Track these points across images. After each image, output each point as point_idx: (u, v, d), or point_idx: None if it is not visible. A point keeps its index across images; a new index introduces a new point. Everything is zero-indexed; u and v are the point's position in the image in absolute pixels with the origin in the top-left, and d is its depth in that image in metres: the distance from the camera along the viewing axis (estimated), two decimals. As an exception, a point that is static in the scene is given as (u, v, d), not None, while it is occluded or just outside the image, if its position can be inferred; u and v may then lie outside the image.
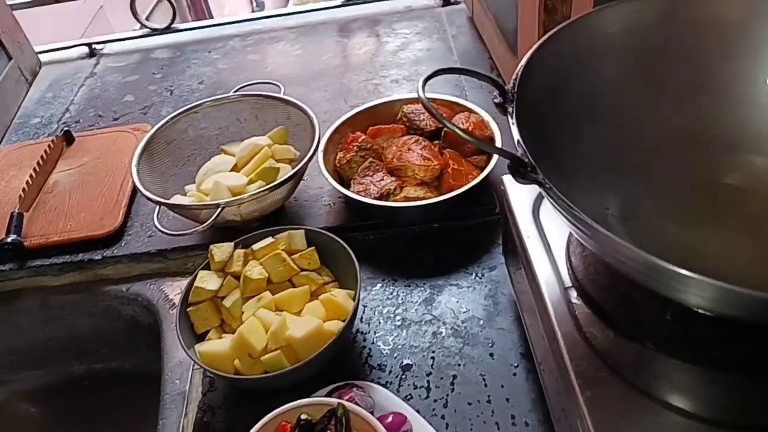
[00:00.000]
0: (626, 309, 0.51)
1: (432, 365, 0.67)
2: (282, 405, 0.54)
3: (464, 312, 0.72)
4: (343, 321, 0.63)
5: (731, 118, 0.56)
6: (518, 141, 0.45)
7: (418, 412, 0.61)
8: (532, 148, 0.46)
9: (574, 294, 0.53)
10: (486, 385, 0.65)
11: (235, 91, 0.88)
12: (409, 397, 0.65)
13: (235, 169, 0.81)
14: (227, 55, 1.17)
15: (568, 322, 0.51)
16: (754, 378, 0.46)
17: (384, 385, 0.65)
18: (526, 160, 0.43)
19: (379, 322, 0.72)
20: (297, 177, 0.78)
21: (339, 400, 0.55)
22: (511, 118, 0.47)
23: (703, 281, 0.36)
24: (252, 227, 0.72)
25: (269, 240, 0.69)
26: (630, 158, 0.56)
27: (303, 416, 0.54)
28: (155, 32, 1.20)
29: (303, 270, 0.69)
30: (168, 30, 1.20)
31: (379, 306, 0.74)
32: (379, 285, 0.76)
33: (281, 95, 0.85)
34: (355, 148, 0.83)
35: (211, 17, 3.67)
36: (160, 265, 0.81)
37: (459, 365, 0.67)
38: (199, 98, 0.97)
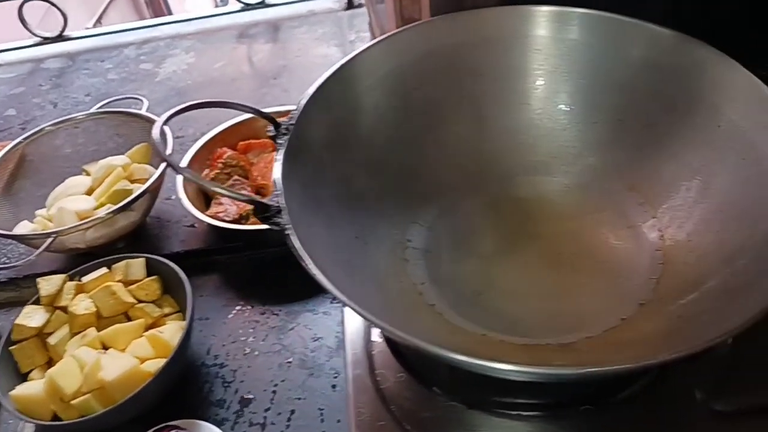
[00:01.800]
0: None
1: (272, 399, 0.64)
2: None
3: (315, 341, 0.68)
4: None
5: (524, 143, 0.54)
6: (275, 180, 0.42)
7: (250, 452, 0.58)
8: (305, 187, 0.43)
9: (376, 331, 0.50)
10: (323, 421, 0.61)
11: (99, 108, 0.85)
12: (243, 435, 0.62)
13: (90, 191, 0.78)
14: (120, 65, 1.12)
15: (362, 363, 0.49)
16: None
17: (220, 422, 0.62)
18: (271, 203, 0.40)
19: (227, 354, 0.69)
20: (147, 198, 0.74)
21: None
22: (278, 153, 0.43)
23: (452, 357, 0.34)
24: (116, 249, 0.69)
25: (102, 271, 0.66)
26: (432, 188, 0.53)
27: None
28: (46, 41, 1.15)
29: (141, 302, 0.66)
30: (60, 38, 1.16)
31: (230, 335, 0.70)
32: (234, 312, 0.72)
33: (140, 111, 0.82)
34: (220, 165, 0.79)
35: (170, 13, 3.61)
36: (14, 294, 0.78)
37: (299, 399, 0.64)
38: (82, 111, 0.94)
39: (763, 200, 0.43)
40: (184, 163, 0.79)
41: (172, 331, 0.63)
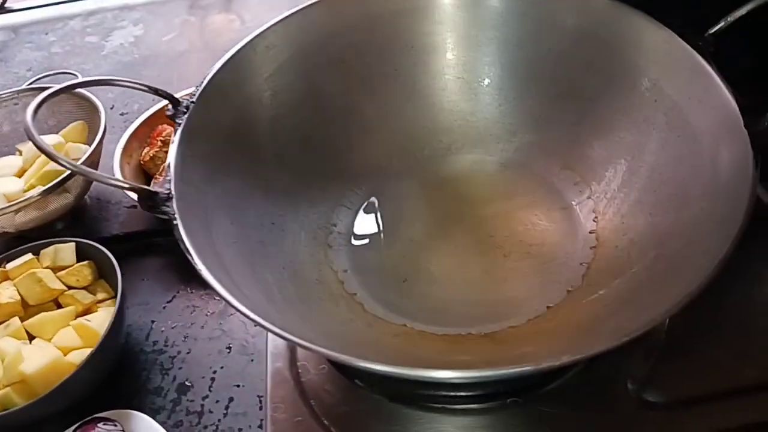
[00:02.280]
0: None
1: (211, 387, 0.62)
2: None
3: (256, 326, 0.66)
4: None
5: (458, 120, 0.51)
6: (169, 164, 0.39)
7: (185, 442, 0.57)
8: (208, 172, 0.40)
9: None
10: (261, 408, 0.60)
11: (30, 84, 0.81)
12: (179, 423, 0.60)
13: (22, 172, 0.74)
14: (64, 38, 1.08)
15: (283, 355, 0.46)
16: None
17: (156, 411, 0.60)
18: (159, 190, 0.37)
19: (167, 340, 0.66)
20: (81, 179, 0.71)
21: (62, 444, 0.50)
22: (175, 134, 0.40)
23: (350, 361, 0.32)
24: (53, 232, 0.66)
25: (27, 257, 0.63)
26: (361, 169, 0.51)
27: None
28: (-13, 13, 1.10)
29: (71, 288, 0.63)
30: (2, 10, 1.10)
31: (170, 320, 0.68)
32: (175, 297, 0.70)
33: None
34: (159, 142, 0.76)
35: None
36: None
37: (238, 386, 0.62)
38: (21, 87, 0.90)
39: (694, 180, 0.40)
40: (122, 141, 0.76)
41: (101, 319, 0.60)
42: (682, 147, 0.43)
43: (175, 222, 0.35)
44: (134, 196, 0.70)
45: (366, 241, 0.49)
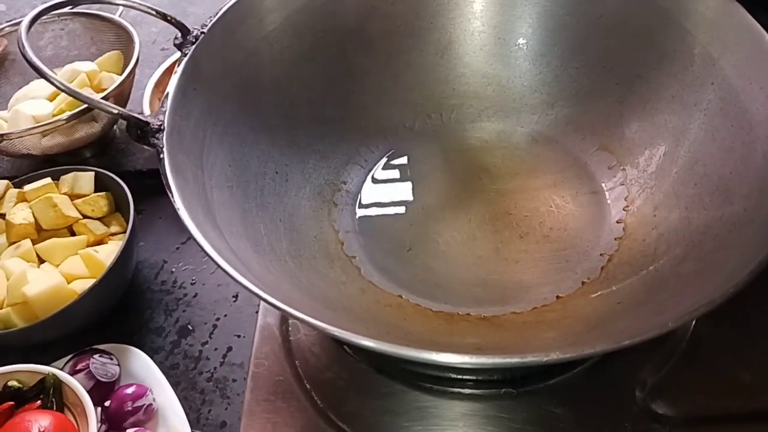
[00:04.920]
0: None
1: (212, 333, 0.61)
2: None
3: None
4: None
5: (492, 83, 0.47)
6: (167, 93, 0.36)
7: (178, 385, 0.56)
8: (212, 109, 0.38)
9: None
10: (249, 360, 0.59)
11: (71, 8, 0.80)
12: (175, 366, 0.59)
13: (53, 96, 0.74)
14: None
15: (275, 310, 0.44)
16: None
17: (155, 350, 0.60)
18: (151, 120, 0.35)
19: (175, 281, 0.66)
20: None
21: (52, 370, 0.50)
22: (179, 64, 0.38)
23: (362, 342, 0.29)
24: (81, 160, 0.66)
25: (46, 181, 0.63)
26: (382, 125, 0.47)
27: (11, 383, 0.50)
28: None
29: (86, 217, 0.63)
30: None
31: (181, 262, 0.67)
32: (190, 240, 0.69)
33: (114, 16, 0.77)
34: (193, 82, 0.75)
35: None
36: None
37: (239, 336, 0.61)
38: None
39: (742, 176, 0.36)
40: (156, 75, 0.75)
41: (108, 251, 0.60)
42: (734, 138, 0.38)
43: (161, 156, 0.33)
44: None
45: (374, 203, 0.47)
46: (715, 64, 0.40)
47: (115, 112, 0.36)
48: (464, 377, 0.39)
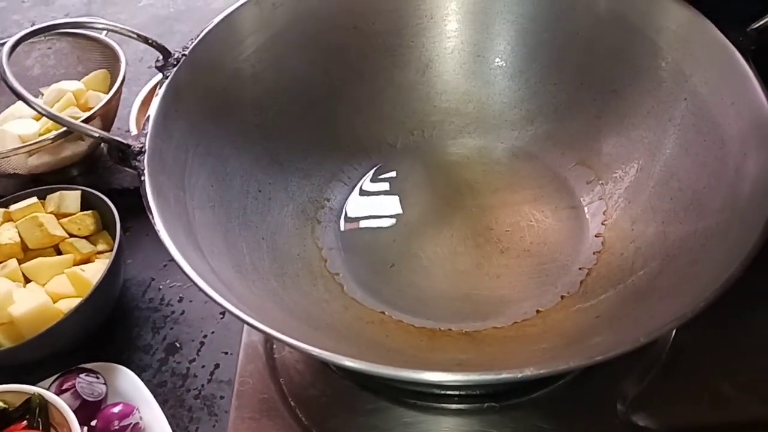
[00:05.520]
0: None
1: (199, 351, 0.61)
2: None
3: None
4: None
5: (473, 100, 0.48)
6: (149, 116, 0.37)
7: (165, 402, 0.56)
8: (193, 130, 0.38)
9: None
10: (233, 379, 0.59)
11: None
12: (163, 384, 0.59)
13: (39, 115, 0.74)
14: (104, -15, 1.08)
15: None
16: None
17: (143, 368, 0.60)
18: (132, 143, 0.35)
19: (163, 298, 0.66)
20: (97, 126, 0.70)
21: (38, 390, 0.50)
22: (160, 86, 0.38)
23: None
24: (68, 179, 0.66)
25: (32, 201, 0.63)
26: (365, 143, 0.48)
27: (-3, 403, 0.50)
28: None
29: (73, 236, 0.63)
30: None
31: (169, 279, 0.67)
32: (178, 256, 0.69)
33: (101, 35, 0.77)
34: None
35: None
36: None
37: (227, 353, 0.61)
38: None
39: (715, 190, 0.36)
40: (142, 93, 0.75)
41: (95, 270, 0.60)
42: (707, 152, 0.38)
43: (142, 178, 0.34)
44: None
45: (358, 219, 0.47)
46: (687, 81, 0.41)
47: (96, 135, 0.37)
48: (448, 393, 0.39)
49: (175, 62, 0.39)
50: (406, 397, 0.41)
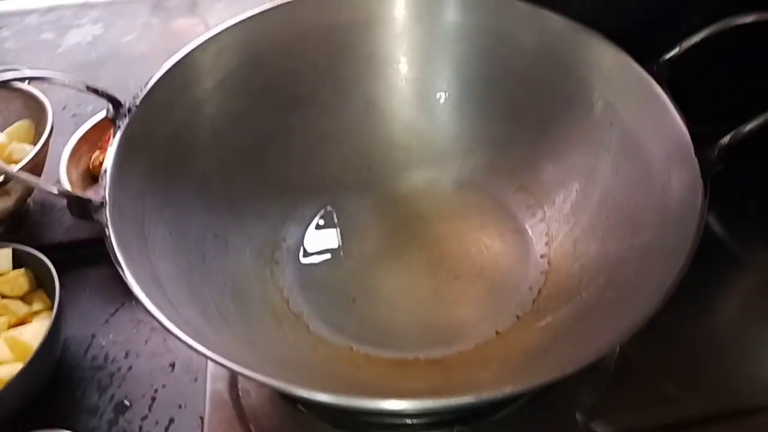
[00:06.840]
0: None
1: (151, 406, 0.59)
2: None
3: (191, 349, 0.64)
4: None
5: (416, 136, 0.50)
6: (104, 170, 0.36)
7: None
8: (148, 180, 0.38)
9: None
10: (203, 431, 0.57)
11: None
12: (114, 445, 0.57)
13: (-39, 173, 0.71)
14: (19, 34, 1.04)
15: (224, 375, 0.44)
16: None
17: (89, 432, 0.57)
18: (90, 197, 0.35)
19: (107, 356, 0.63)
20: (20, 183, 0.68)
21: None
22: (114, 138, 0.38)
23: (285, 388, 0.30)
24: None
25: (-41, 263, 0.60)
26: (315, 182, 0.49)
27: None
28: (-61, 5, 1.06)
29: (5, 297, 0.60)
30: (-46, 3, 1.06)
31: (111, 335, 0.65)
32: (119, 311, 0.67)
33: (23, 85, 0.74)
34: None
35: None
36: None
37: (180, 406, 0.59)
38: (-29, 84, 0.86)
39: (646, 207, 0.40)
40: (71, 144, 0.73)
41: (34, 332, 0.57)
42: (635, 173, 0.42)
43: (107, 232, 0.33)
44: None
45: (315, 257, 0.48)
46: (612, 108, 0.45)
47: (56, 192, 0.36)
48: (420, 422, 0.40)
49: (126, 112, 0.39)
50: (378, 429, 0.41)
